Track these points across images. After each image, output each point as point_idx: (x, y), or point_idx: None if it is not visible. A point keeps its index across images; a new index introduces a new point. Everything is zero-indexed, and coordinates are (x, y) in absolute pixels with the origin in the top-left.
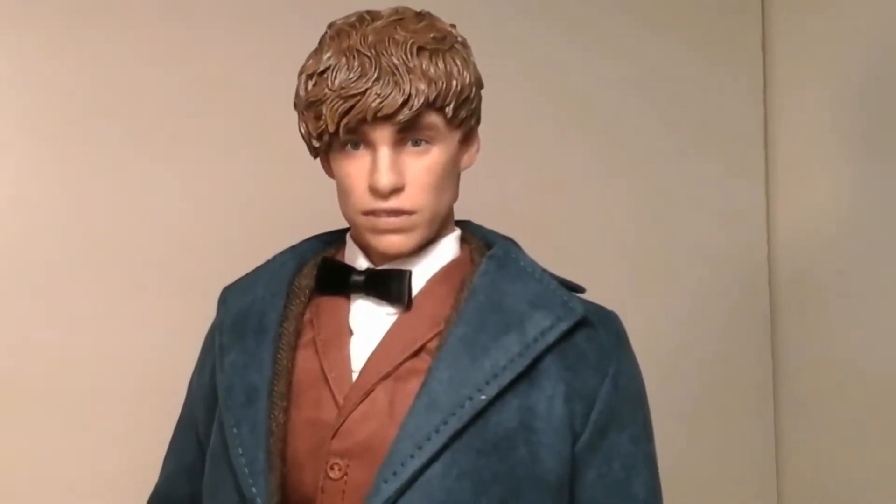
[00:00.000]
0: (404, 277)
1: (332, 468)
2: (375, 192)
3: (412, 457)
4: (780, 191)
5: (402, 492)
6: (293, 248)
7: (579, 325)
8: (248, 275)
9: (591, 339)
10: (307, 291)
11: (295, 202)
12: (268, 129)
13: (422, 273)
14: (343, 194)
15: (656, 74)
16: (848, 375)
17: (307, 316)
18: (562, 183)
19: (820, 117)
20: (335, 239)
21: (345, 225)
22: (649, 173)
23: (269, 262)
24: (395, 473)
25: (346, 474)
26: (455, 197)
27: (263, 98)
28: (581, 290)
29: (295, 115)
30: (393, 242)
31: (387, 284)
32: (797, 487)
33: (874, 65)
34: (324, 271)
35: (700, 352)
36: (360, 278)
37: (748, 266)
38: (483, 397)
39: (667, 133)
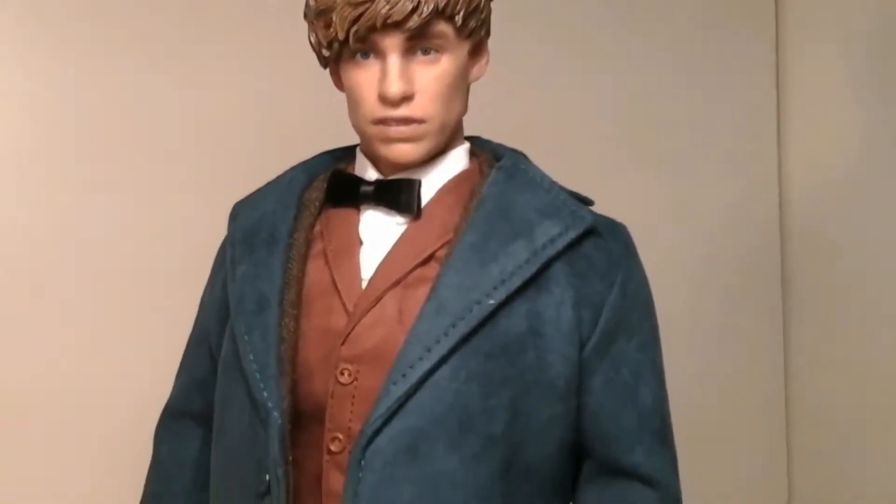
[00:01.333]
0: (414, 186)
1: (341, 373)
2: (385, 100)
3: (421, 359)
4: (792, 138)
5: (410, 394)
6: (304, 163)
7: (588, 234)
8: (258, 190)
9: (599, 247)
10: (317, 204)
11: (306, 124)
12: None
13: (431, 183)
14: (353, 104)
15: (667, 20)
16: (858, 321)
17: (317, 228)
18: (567, 126)
19: (832, 64)
20: (346, 154)
21: (355, 141)
22: (659, 120)
23: (279, 176)
24: (403, 376)
25: (355, 379)
26: (464, 109)
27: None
28: (590, 202)
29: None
30: (403, 151)
31: (396, 194)
32: (805, 419)
33: (887, 10)
34: (334, 183)
35: (710, 300)
36: (370, 189)
37: (759, 214)
38: (491, 302)
39: (678, 79)
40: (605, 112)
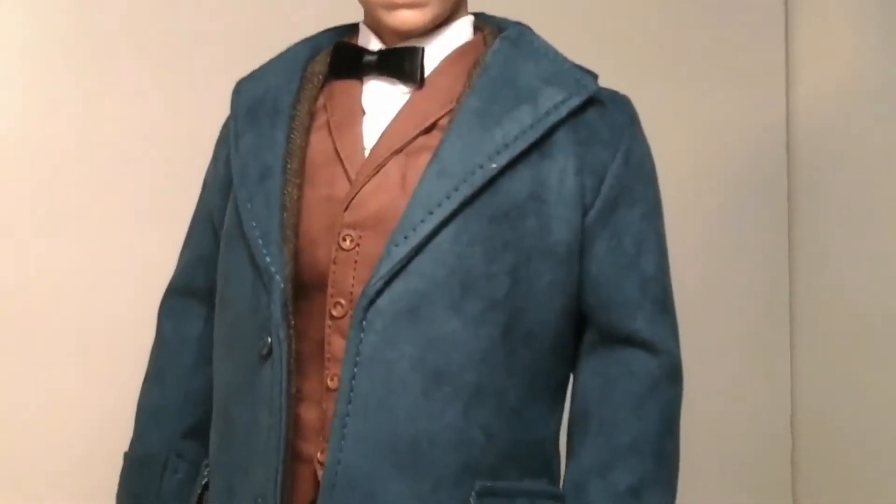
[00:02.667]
0: (417, 54)
1: (344, 240)
2: None
3: (423, 221)
4: (800, 50)
5: (412, 256)
6: (307, 38)
7: (592, 103)
8: (261, 66)
9: (603, 116)
10: (321, 77)
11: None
12: None
13: (435, 53)
14: None
15: None
16: (865, 235)
17: (320, 101)
18: (572, 31)
19: None
20: (349, 29)
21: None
22: (666, 35)
23: (282, 52)
24: (405, 238)
25: (358, 245)
26: None
27: None
28: (594, 75)
29: None
30: (406, 18)
31: (399, 62)
32: (810, 333)
33: None
34: (337, 54)
35: (714, 212)
36: (373, 58)
37: (765, 127)
38: (494, 166)
39: None
40: (612, 22)
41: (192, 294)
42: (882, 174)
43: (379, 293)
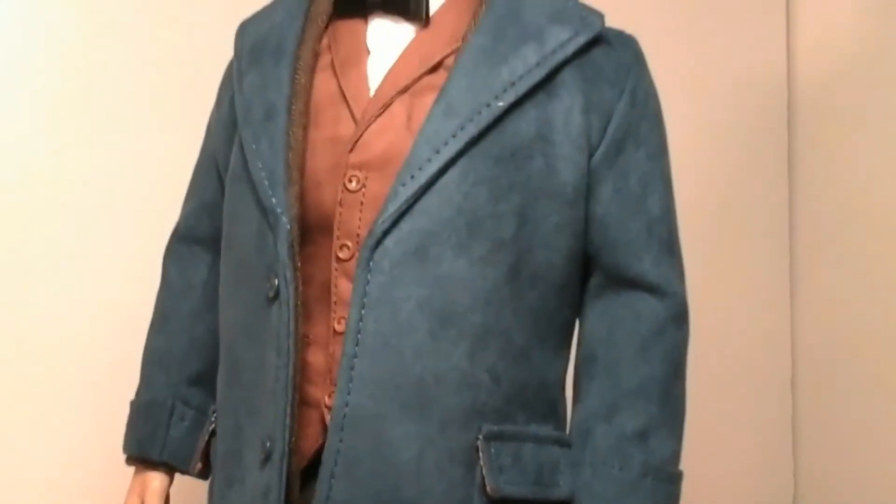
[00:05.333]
0: None
1: (349, 181)
2: None
3: (429, 161)
4: (801, 14)
5: (418, 196)
6: None
7: (597, 42)
8: (265, 7)
9: (608, 55)
10: (325, 17)
11: None
12: None
13: None
14: None
15: None
16: (865, 203)
17: (325, 41)
18: None
19: None
20: None
21: None
22: None
23: None
24: (412, 177)
25: (364, 186)
26: None
27: None
28: (600, 14)
29: None
30: None
31: (404, 1)
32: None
33: None
34: None
35: (716, 176)
36: None
37: (766, 90)
38: (500, 104)
39: None
40: None
41: (197, 241)
42: (883, 132)
43: (386, 233)
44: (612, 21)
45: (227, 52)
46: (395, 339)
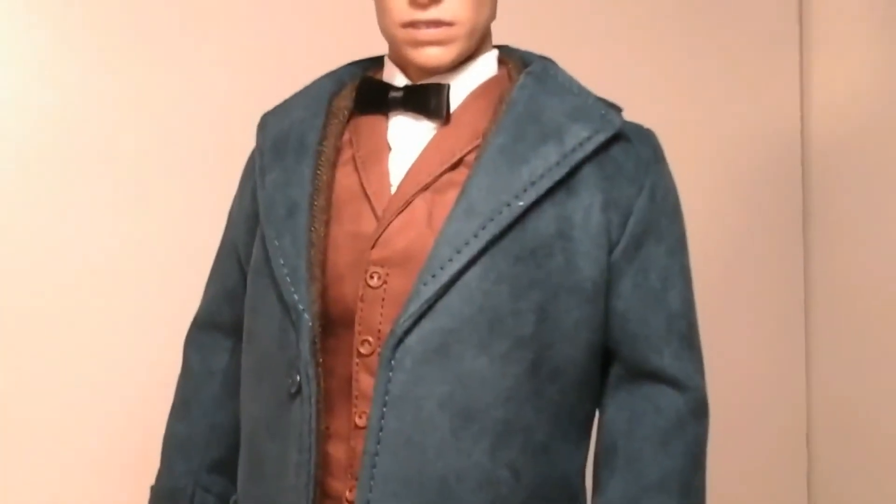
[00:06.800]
0: (443, 90)
1: (371, 277)
2: (415, 2)
3: (451, 260)
4: (815, 60)
5: (440, 294)
6: (331, 72)
7: (617, 138)
8: (286, 100)
9: (628, 152)
10: (346, 112)
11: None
12: None
13: (460, 89)
14: (381, 9)
15: None
16: (881, 245)
17: (346, 136)
18: (589, 42)
19: None
20: (373, 63)
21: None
22: (680, 42)
23: (307, 87)
24: (434, 276)
25: (385, 282)
26: (493, 14)
27: None
28: (619, 108)
29: None
30: (432, 55)
31: (425, 98)
32: (826, 340)
33: None
34: (363, 90)
35: (730, 221)
36: (399, 94)
37: (780, 133)
38: (521, 204)
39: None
40: (626, 29)
41: (217, 327)
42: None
43: (407, 332)
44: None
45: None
46: (418, 437)
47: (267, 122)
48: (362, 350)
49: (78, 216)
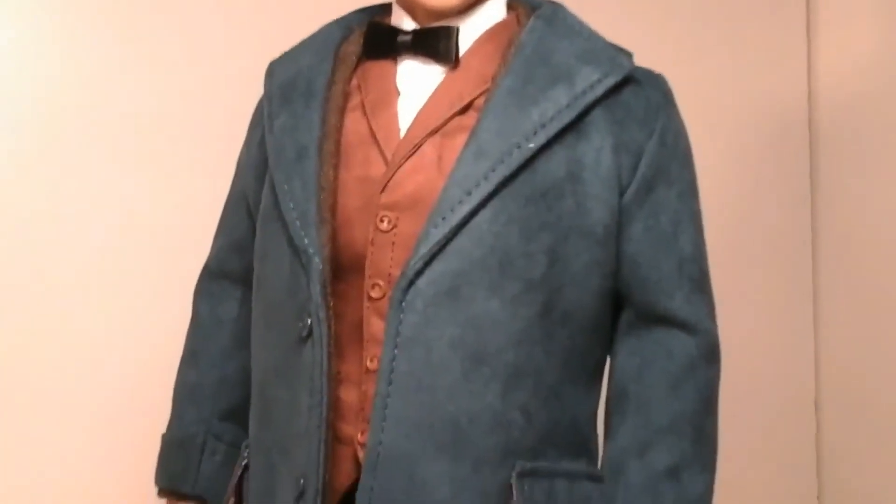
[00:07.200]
0: (452, 34)
1: (381, 221)
2: None
3: (461, 202)
4: (822, 36)
5: (450, 237)
6: (339, 19)
7: (627, 82)
8: (293, 47)
9: (638, 95)
10: (354, 58)
11: None
12: None
13: (469, 32)
14: None
15: None
16: (889, 214)
17: (354, 81)
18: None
19: None
20: (381, 9)
21: None
22: (687, 14)
23: (314, 34)
24: (444, 219)
25: (395, 226)
26: None
27: None
28: (629, 53)
29: None
30: None
31: (434, 42)
32: (834, 325)
33: None
34: (370, 35)
35: (738, 192)
36: (407, 38)
37: (787, 114)
38: (531, 146)
39: None
40: (632, 1)
41: (227, 276)
42: None
43: (418, 274)
44: (635, 47)
45: (254, 85)
46: (429, 379)
47: (274, 70)
48: (373, 294)
49: (81, 178)
